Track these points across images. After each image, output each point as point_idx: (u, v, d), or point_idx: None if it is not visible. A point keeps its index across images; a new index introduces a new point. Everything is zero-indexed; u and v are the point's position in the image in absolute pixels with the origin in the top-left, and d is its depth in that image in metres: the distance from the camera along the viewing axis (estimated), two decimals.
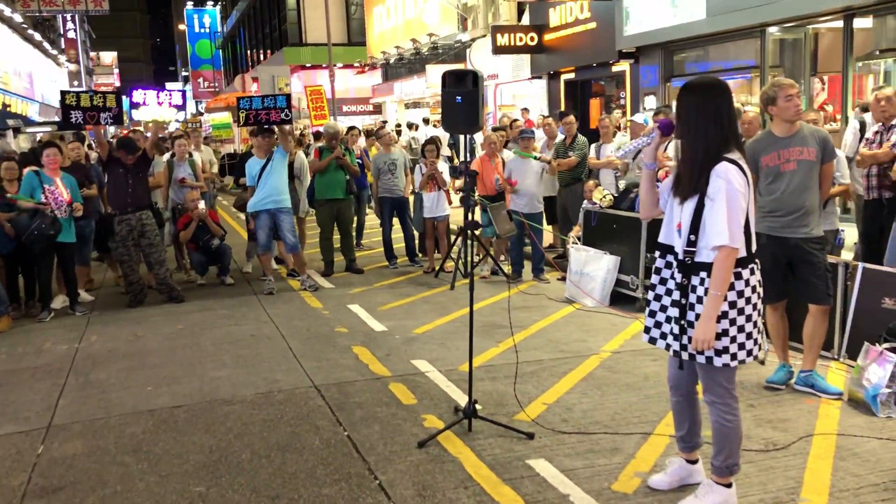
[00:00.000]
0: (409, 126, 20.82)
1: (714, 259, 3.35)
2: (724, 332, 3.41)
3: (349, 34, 39.60)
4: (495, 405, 5.05)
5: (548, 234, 10.42)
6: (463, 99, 8.80)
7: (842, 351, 5.80)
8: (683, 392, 3.77)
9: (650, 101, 15.29)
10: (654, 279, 3.66)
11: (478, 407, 4.79)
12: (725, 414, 3.53)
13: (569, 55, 17.58)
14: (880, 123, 6.90)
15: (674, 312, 3.52)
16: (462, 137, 10.60)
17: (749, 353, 3.48)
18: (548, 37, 18.15)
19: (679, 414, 3.82)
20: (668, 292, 3.59)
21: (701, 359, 3.46)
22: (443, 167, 9.90)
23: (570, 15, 17.15)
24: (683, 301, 3.45)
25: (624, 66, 16.05)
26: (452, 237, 10.12)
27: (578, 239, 8.79)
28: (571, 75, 18.23)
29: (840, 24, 11.59)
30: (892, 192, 6.75)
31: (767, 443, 4.37)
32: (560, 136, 10.24)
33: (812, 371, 5.22)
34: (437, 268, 9.80)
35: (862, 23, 11.28)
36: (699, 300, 3.41)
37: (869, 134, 7.07)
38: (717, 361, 3.43)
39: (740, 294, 3.40)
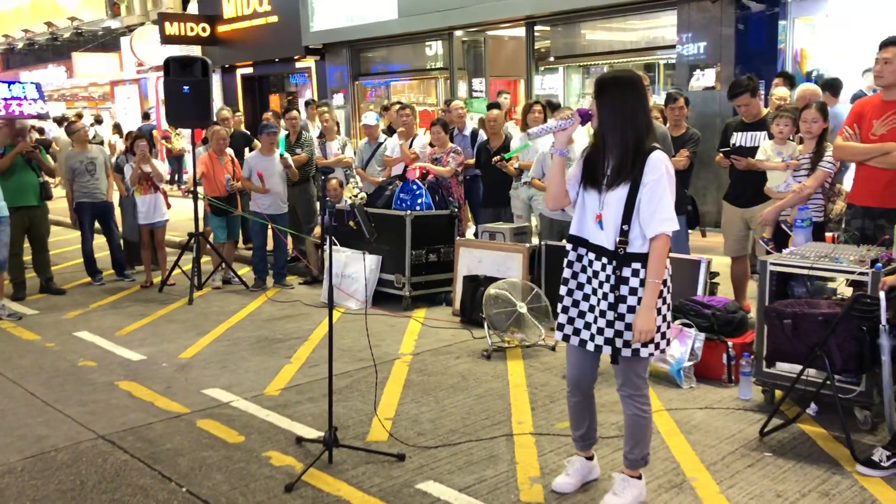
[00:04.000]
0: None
1: (652, 247, 3.31)
2: None
3: None
4: (336, 428, 4.52)
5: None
6: (191, 89, 7.99)
7: None
8: (585, 390, 3.70)
9: (338, 100, 15.28)
10: (566, 273, 3.52)
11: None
12: (642, 405, 3.53)
13: (246, 49, 16.84)
14: None
15: (594, 305, 3.41)
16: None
17: (666, 341, 3.52)
18: (222, 28, 17.18)
19: (579, 413, 3.74)
20: (581, 286, 3.47)
21: (626, 352, 3.40)
22: (160, 165, 8.76)
23: (248, 7, 16.41)
24: (616, 293, 3.36)
25: (309, 62, 15.80)
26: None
27: (321, 240, 8.39)
28: (249, 70, 17.47)
29: (521, 31, 12.66)
30: None
31: (619, 427, 4.50)
32: (283, 133, 9.67)
33: None
34: (154, 281, 8.69)
35: (541, 30, 12.40)
36: (632, 291, 3.35)
37: None
38: (644, 352, 3.41)
39: (664, 283, 3.41)
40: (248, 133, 11.61)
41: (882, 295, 4.01)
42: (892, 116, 4.88)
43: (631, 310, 3.37)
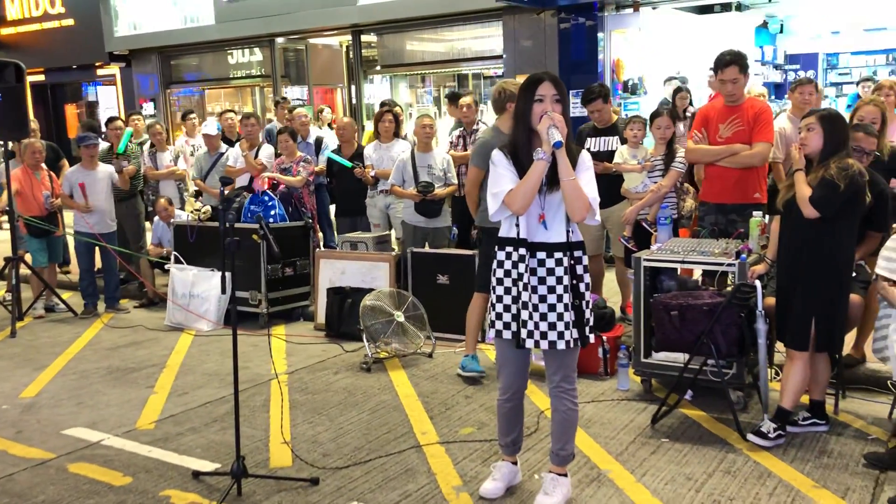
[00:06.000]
0: None
1: None
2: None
3: None
4: (233, 458, 4.20)
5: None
6: (5, 97, 7.14)
7: None
8: (521, 394, 3.72)
9: (149, 108, 14.36)
10: (499, 274, 3.49)
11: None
12: (574, 399, 3.61)
13: (37, 54, 15.31)
14: (462, 128, 7.72)
15: (537, 304, 3.41)
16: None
17: None
18: (5, 31, 15.56)
19: (513, 419, 3.75)
20: (526, 286, 3.43)
21: (567, 344, 3.44)
22: None
23: (37, 8, 14.98)
24: (573, 282, 3.41)
25: (113, 69, 14.70)
26: None
27: (164, 259, 7.83)
28: (40, 77, 15.94)
29: (338, 40, 12.58)
30: None
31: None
32: (104, 144, 8.89)
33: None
34: None
35: (368, 39, 12.37)
36: (581, 278, 3.47)
37: (452, 137, 7.84)
38: (591, 338, 3.54)
39: (585, 283, 3.51)
40: (56, 146, 10.61)
41: (758, 283, 4.36)
42: (736, 120, 5.34)
43: (581, 296, 3.47)
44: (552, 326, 3.43)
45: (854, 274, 4.38)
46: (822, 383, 4.40)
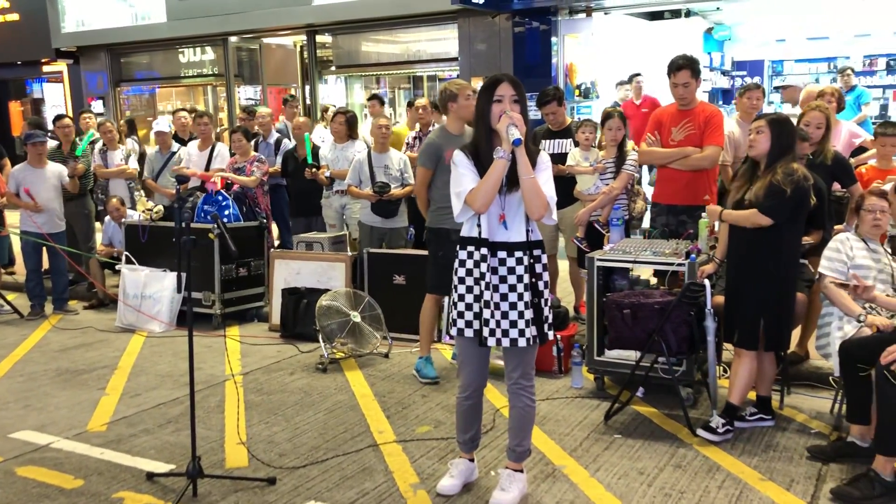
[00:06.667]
0: None
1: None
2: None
3: None
4: (187, 459, 4.16)
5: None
6: None
7: None
8: (481, 392, 3.77)
9: (98, 106, 14.08)
10: (461, 273, 3.53)
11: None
12: (532, 396, 3.67)
13: None
14: (418, 130, 7.76)
15: (499, 302, 3.46)
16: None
17: None
18: None
19: (472, 416, 3.79)
20: (488, 285, 3.49)
21: (527, 341, 3.49)
22: None
23: None
24: (532, 280, 3.46)
25: (60, 66, 14.39)
26: None
27: (114, 259, 7.71)
28: None
29: (292, 40, 12.52)
30: None
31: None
32: (53, 143, 8.70)
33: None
34: None
35: (324, 39, 12.33)
36: (540, 276, 3.51)
37: (409, 139, 7.87)
38: (549, 335, 3.58)
39: (543, 280, 3.57)
40: None
41: (707, 282, 4.48)
42: (688, 124, 5.48)
43: (540, 294, 3.52)
44: (513, 324, 3.48)
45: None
46: (768, 380, 4.54)
